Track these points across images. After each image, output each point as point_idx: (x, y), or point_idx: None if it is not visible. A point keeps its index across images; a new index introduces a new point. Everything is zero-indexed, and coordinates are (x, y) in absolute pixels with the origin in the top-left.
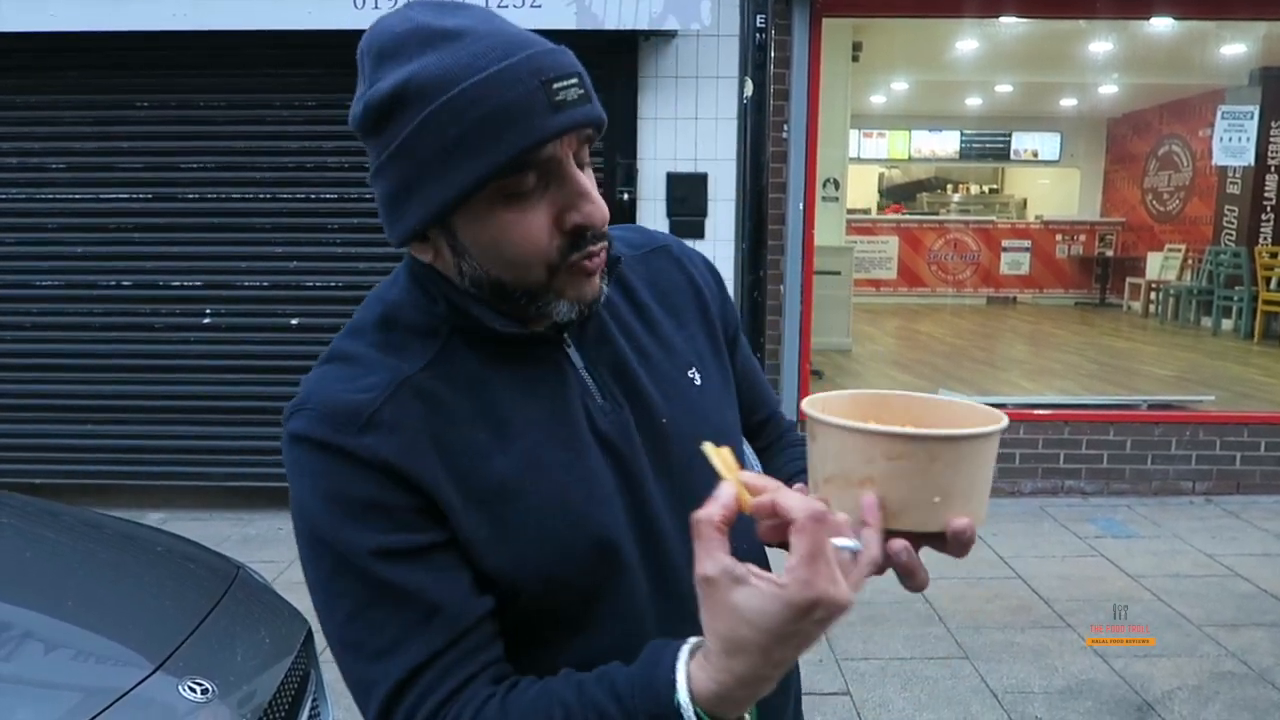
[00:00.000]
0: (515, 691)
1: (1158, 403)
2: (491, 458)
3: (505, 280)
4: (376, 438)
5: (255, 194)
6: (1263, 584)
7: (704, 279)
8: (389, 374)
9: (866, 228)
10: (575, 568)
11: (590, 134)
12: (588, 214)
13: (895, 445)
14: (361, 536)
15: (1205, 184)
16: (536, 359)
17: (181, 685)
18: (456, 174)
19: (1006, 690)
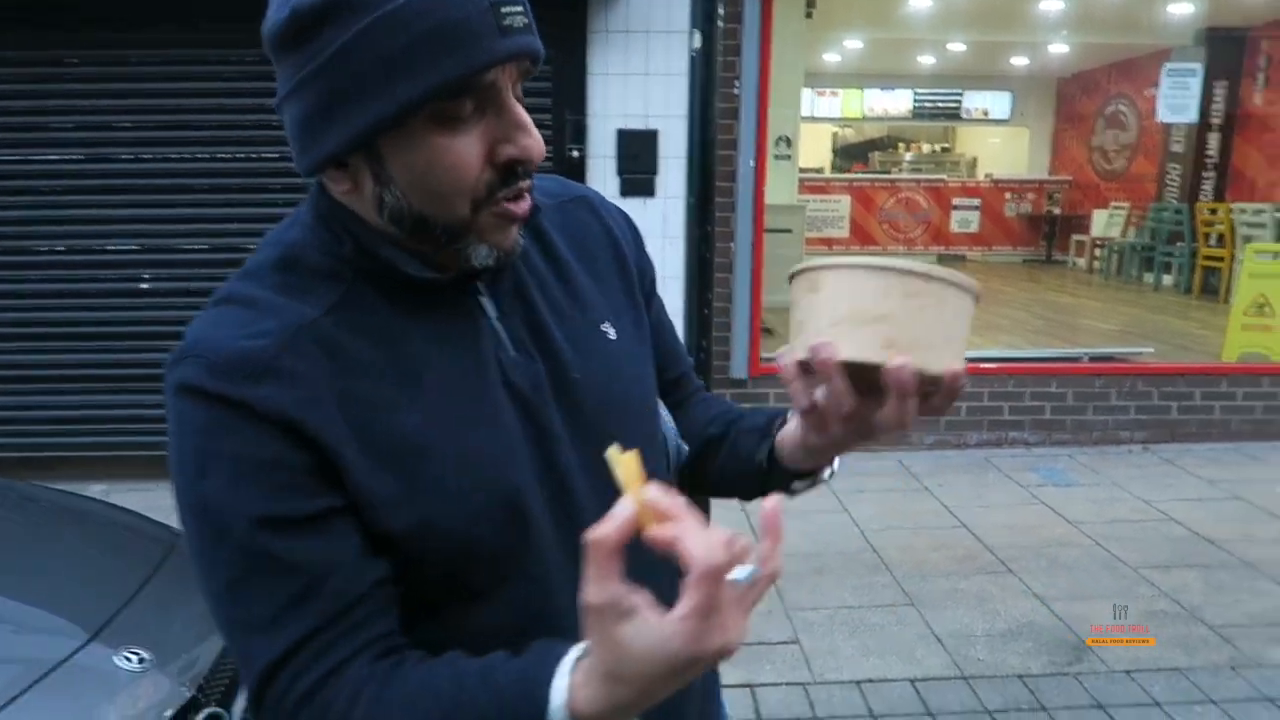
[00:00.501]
0: (396, 677)
1: (1098, 355)
2: (398, 411)
3: (428, 215)
4: (272, 388)
5: (193, 154)
6: (1195, 527)
7: (622, 231)
8: (287, 319)
9: (819, 186)
10: (486, 526)
11: (529, 67)
12: (525, 148)
13: (914, 283)
14: (245, 502)
15: (1150, 142)
16: (448, 307)
17: (117, 655)
18: (396, 90)
19: (950, 634)
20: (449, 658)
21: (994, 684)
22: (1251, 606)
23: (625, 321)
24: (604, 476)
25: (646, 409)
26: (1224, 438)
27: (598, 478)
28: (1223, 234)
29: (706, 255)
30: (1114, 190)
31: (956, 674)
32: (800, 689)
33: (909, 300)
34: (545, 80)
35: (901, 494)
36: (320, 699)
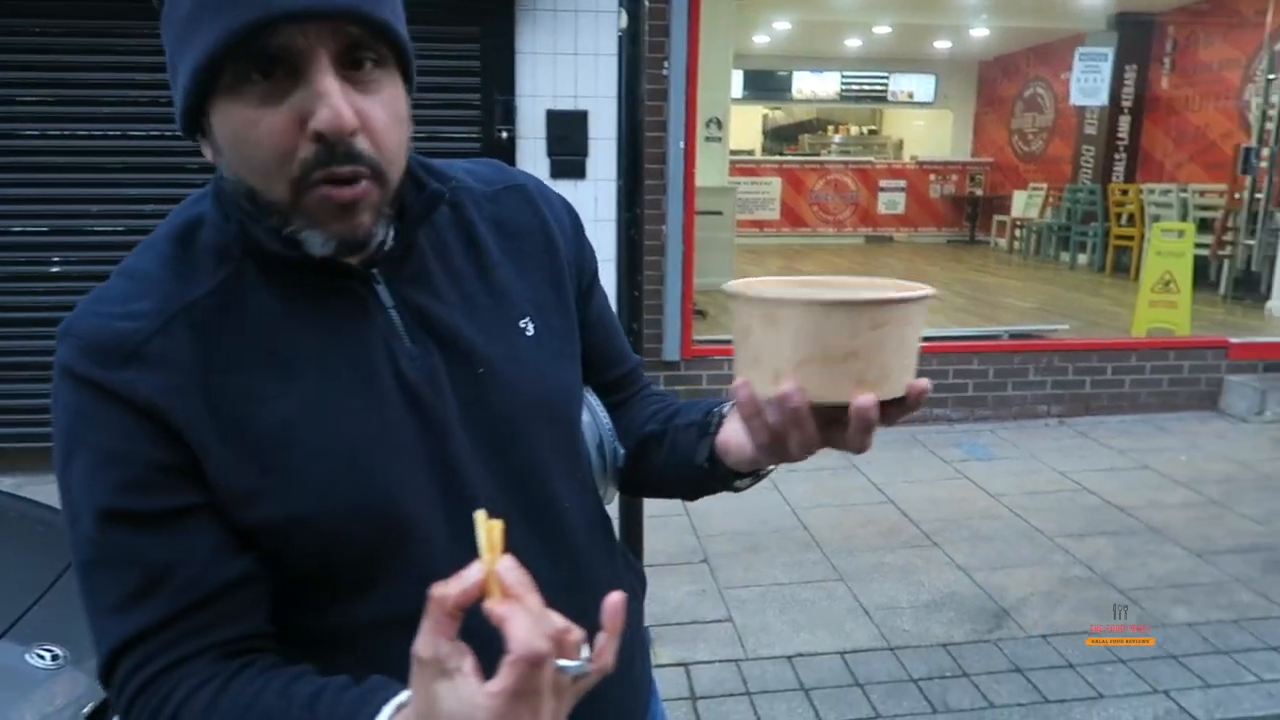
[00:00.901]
0: (233, 686)
1: (1017, 333)
2: (271, 401)
3: (256, 189)
4: (138, 373)
5: (104, 130)
6: (1107, 496)
7: (559, 222)
8: (165, 299)
9: (750, 169)
10: (358, 523)
11: (356, 33)
12: (324, 119)
13: (881, 312)
14: (98, 492)
15: (1066, 125)
16: (338, 294)
17: (29, 653)
18: (191, 53)
19: (877, 607)
20: (290, 675)
21: (919, 653)
22: (1157, 569)
23: (549, 318)
24: (506, 473)
25: (561, 410)
26: (1133, 410)
27: (498, 474)
28: (1133, 214)
29: (636, 237)
30: (1032, 171)
31: (883, 645)
32: (733, 665)
33: (876, 331)
34: (473, 59)
35: (831, 472)
36: (158, 691)
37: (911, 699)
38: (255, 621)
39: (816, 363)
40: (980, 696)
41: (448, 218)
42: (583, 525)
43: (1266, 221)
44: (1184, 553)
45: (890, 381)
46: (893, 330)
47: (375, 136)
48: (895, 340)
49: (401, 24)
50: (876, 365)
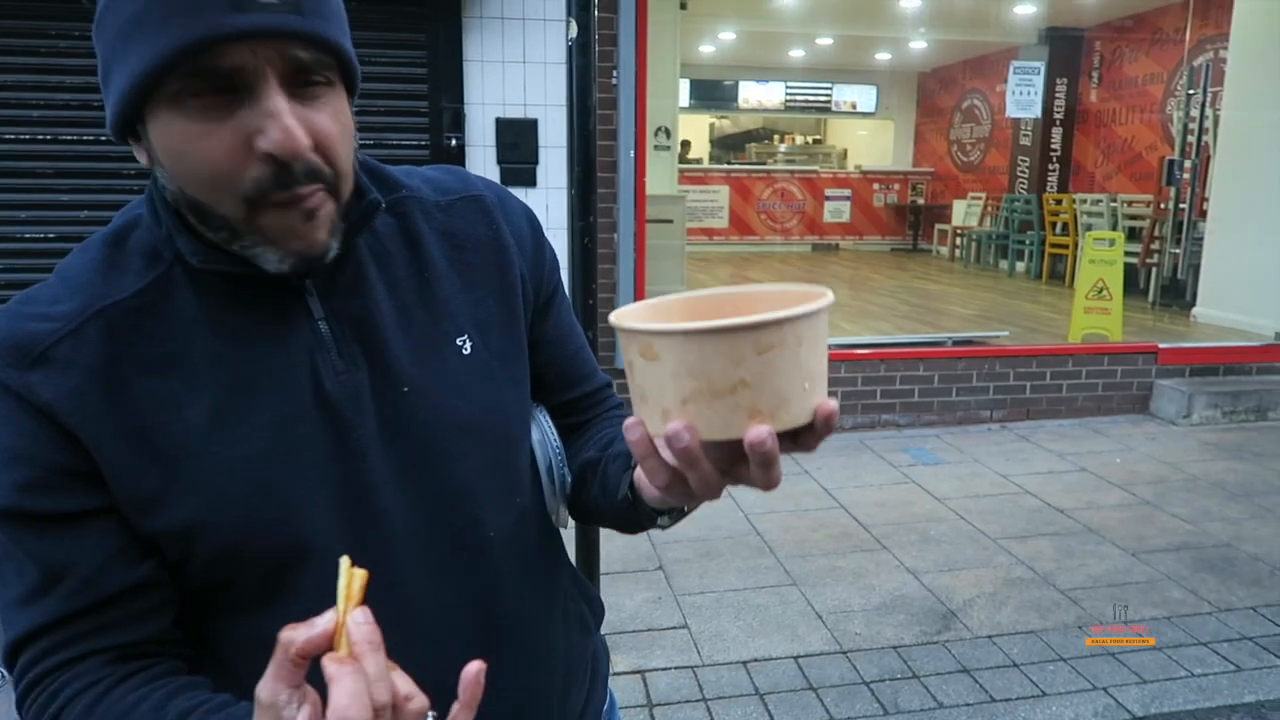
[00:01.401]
0: (114, 693)
1: (960, 339)
2: (179, 409)
3: (202, 202)
4: (43, 375)
5: (31, 134)
6: (1047, 499)
7: (517, 234)
8: (85, 301)
9: (698, 177)
10: (256, 537)
11: (304, 55)
12: (274, 140)
13: (765, 335)
14: (4, 491)
15: (1002, 136)
16: (265, 303)
17: None
18: (129, 61)
19: (830, 611)
20: (172, 689)
21: (870, 656)
22: (1095, 569)
23: (490, 337)
24: (423, 498)
25: (496, 432)
26: (1070, 414)
27: (415, 498)
28: (1067, 223)
29: (590, 246)
30: (971, 181)
31: (836, 649)
32: (689, 672)
33: (764, 356)
34: (421, 67)
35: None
36: (48, 687)
37: (864, 701)
38: (153, 627)
39: (703, 397)
40: (930, 697)
41: (393, 226)
42: (512, 554)
43: (1190, 231)
44: (1119, 552)
45: (789, 408)
46: (784, 352)
47: (327, 151)
48: (787, 363)
49: (348, 39)
50: (769, 393)
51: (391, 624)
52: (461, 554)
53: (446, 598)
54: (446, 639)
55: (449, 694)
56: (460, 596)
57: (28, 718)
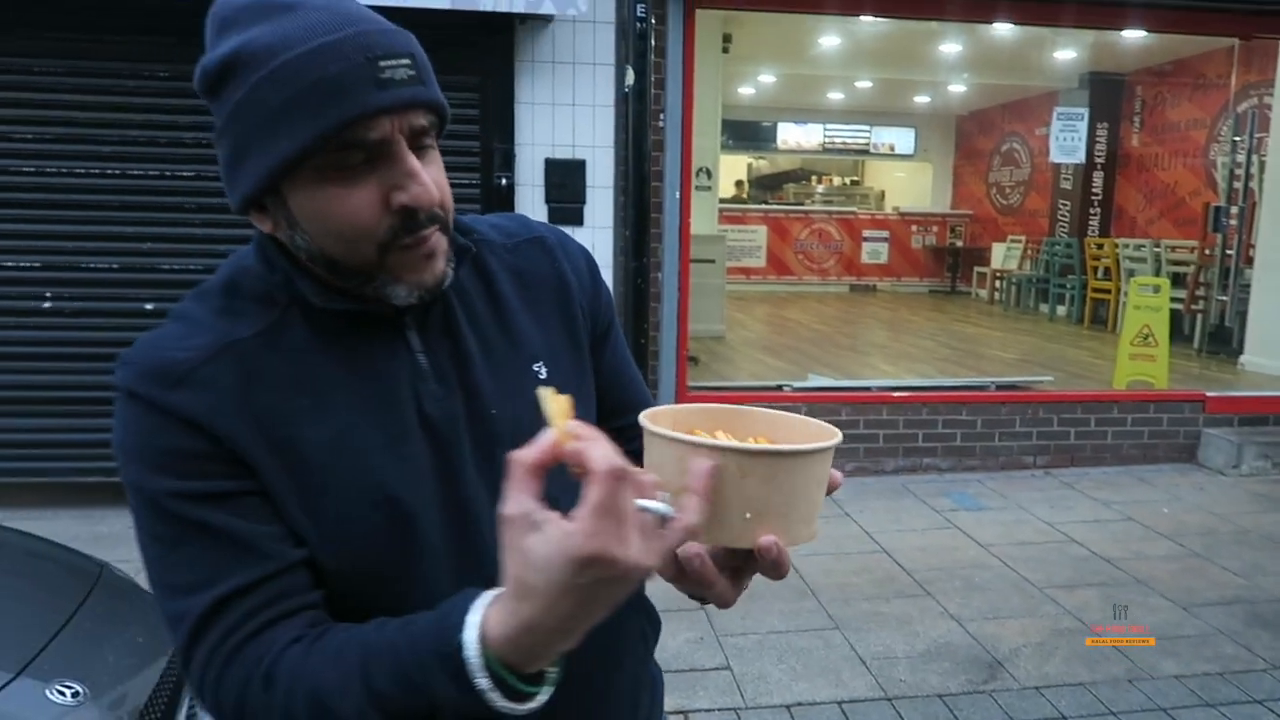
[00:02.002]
0: (325, 636)
1: (1004, 384)
2: (305, 429)
3: (336, 257)
4: (187, 395)
5: (101, 169)
6: (1094, 548)
7: (575, 272)
8: (217, 336)
9: (736, 217)
10: (372, 548)
11: (424, 120)
12: (415, 195)
13: (704, 456)
14: (166, 481)
15: (1042, 179)
16: (371, 338)
17: (49, 689)
18: (279, 143)
19: (874, 656)
20: (378, 620)
21: (915, 704)
22: (1145, 622)
23: (562, 362)
24: None
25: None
26: (1116, 461)
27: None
28: (1109, 267)
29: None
30: (1010, 224)
31: (880, 695)
32: (733, 714)
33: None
34: (473, 109)
35: (823, 520)
36: (246, 659)
37: None
38: (319, 597)
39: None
40: None
41: (470, 268)
42: None
43: (1237, 278)
44: (1169, 605)
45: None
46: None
47: (443, 198)
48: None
49: (447, 106)
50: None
51: None
52: None
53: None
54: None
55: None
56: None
57: (233, 684)
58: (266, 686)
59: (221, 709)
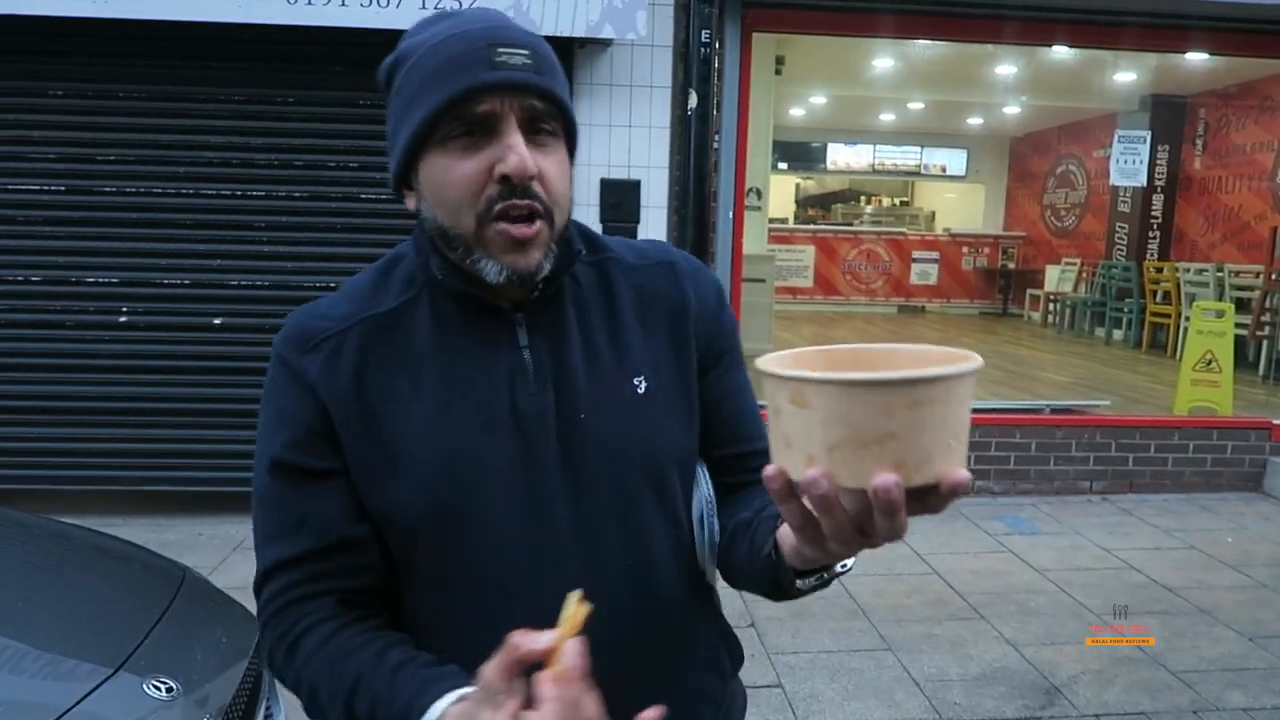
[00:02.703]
0: (346, 630)
1: (1059, 407)
2: (405, 403)
3: (447, 227)
4: (313, 360)
5: (177, 189)
6: (1153, 575)
7: (699, 296)
8: (358, 309)
9: (784, 236)
10: (440, 526)
11: (538, 104)
12: (511, 164)
13: (920, 390)
14: (273, 443)
15: (1099, 202)
16: (485, 329)
17: (146, 684)
18: (412, 117)
19: (927, 679)
20: (389, 641)
21: None
22: (1209, 652)
23: (665, 378)
24: (589, 510)
25: (655, 464)
26: (1177, 489)
27: (581, 510)
28: (1169, 291)
29: None
30: (1065, 247)
31: (935, 718)
32: None
33: (915, 411)
34: None
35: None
36: (288, 618)
37: None
38: (368, 581)
39: (850, 446)
40: None
41: (593, 280)
42: (656, 584)
43: None
44: (1235, 635)
45: (933, 464)
46: (934, 410)
47: (547, 184)
48: (936, 420)
49: (568, 96)
50: (916, 448)
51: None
52: (612, 572)
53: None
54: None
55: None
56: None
57: (270, 637)
58: (289, 655)
59: (262, 649)
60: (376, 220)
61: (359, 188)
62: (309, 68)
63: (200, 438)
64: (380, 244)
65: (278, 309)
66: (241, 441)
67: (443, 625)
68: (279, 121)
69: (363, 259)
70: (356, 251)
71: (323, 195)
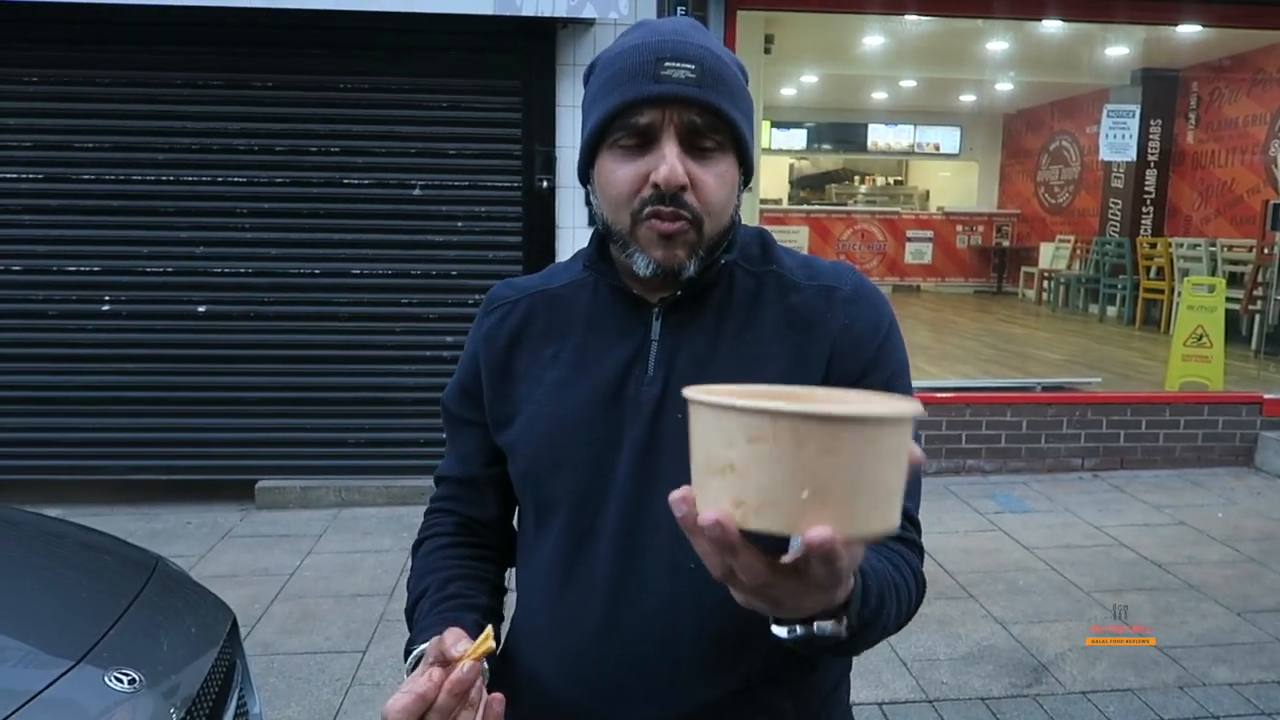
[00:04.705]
0: (445, 551)
1: (1050, 385)
2: (544, 369)
3: (609, 221)
4: (489, 320)
5: (157, 176)
6: (1143, 552)
7: (850, 318)
8: (540, 283)
9: (778, 218)
10: (536, 480)
11: (699, 119)
12: (661, 174)
13: (754, 423)
14: (453, 385)
15: (1092, 178)
16: (627, 315)
17: (108, 676)
18: (589, 122)
19: (915, 659)
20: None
21: (957, 706)
22: (1197, 628)
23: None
24: (647, 498)
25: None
26: (1168, 464)
27: (640, 497)
28: (1162, 267)
29: None
30: (1059, 224)
31: (922, 697)
32: None
33: (751, 446)
34: (515, 111)
35: None
36: (430, 520)
37: None
38: (489, 514)
39: (702, 472)
40: None
41: (749, 290)
42: (699, 598)
43: None
44: (1223, 611)
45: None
46: (773, 449)
47: (701, 193)
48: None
49: (743, 116)
50: (753, 487)
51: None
52: (656, 568)
53: (635, 596)
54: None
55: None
56: (645, 603)
57: (421, 529)
58: (414, 550)
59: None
60: (359, 205)
61: (341, 173)
62: (287, 51)
63: (186, 425)
64: (363, 229)
65: (261, 296)
66: (227, 429)
67: (528, 563)
68: (258, 106)
69: (346, 244)
70: (339, 238)
71: (304, 181)
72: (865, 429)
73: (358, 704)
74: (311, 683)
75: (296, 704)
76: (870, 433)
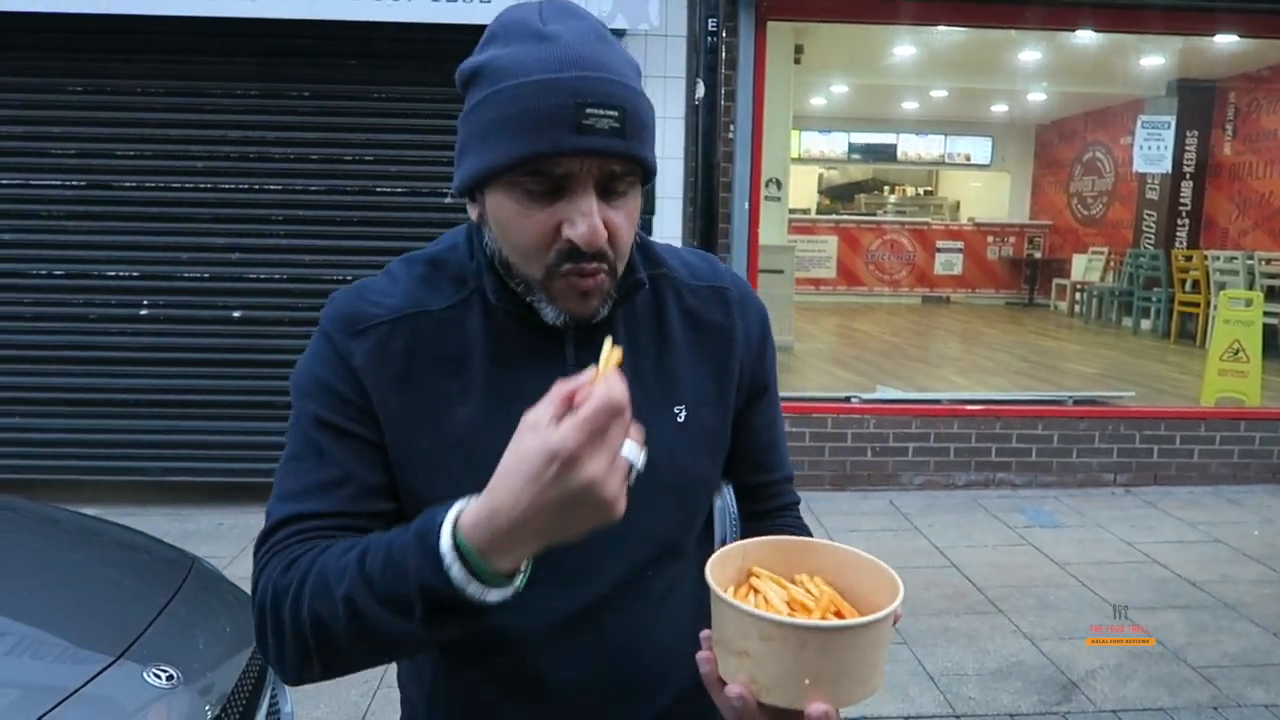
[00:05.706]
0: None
1: (1082, 398)
2: (451, 403)
3: (511, 262)
4: (359, 345)
5: (195, 183)
6: (1177, 569)
7: (746, 331)
8: (408, 302)
9: (806, 227)
10: None
11: (618, 168)
12: (580, 233)
13: (766, 627)
14: (317, 404)
15: (1126, 190)
16: (532, 342)
17: (147, 672)
18: (485, 154)
19: (942, 673)
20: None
21: None
22: (1231, 647)
23: (703, 410)
24: (614, 527)
25: (687, 492)
26: (1203, 481)
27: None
28: (1198, 280)
29: None
30: (1092, 235)
31: (949, 712)
32: None
33: (765, 643)
34: None
35: (893, 533)
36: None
37: None
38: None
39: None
40: None
41: (647, 299)
42: (675, 605)
43: None
44: (1259, 631)
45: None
46: (779, 648)
47: (615, 240)
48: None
49: (653, 150)
50: (766, 673)
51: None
52: (631, 588)
53: (611, 618)
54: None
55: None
56: (616, 621)
57: (263, 563)
58: (286, 570)
59: (256, 589)
60: (392, 213)
61: (374, 180)
62: (324, 61)
63: (220, 429)
64: (396, 236)
65: (295, 301)
66: (261, 433)
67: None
68: (294, 115)
69: (379, 251)
70: (372, 244)
71: (338, 189)
72: (853, 634)
73: (384, 705)
74: (340, 684)
75: (325, 705)
76: (856, 636)
